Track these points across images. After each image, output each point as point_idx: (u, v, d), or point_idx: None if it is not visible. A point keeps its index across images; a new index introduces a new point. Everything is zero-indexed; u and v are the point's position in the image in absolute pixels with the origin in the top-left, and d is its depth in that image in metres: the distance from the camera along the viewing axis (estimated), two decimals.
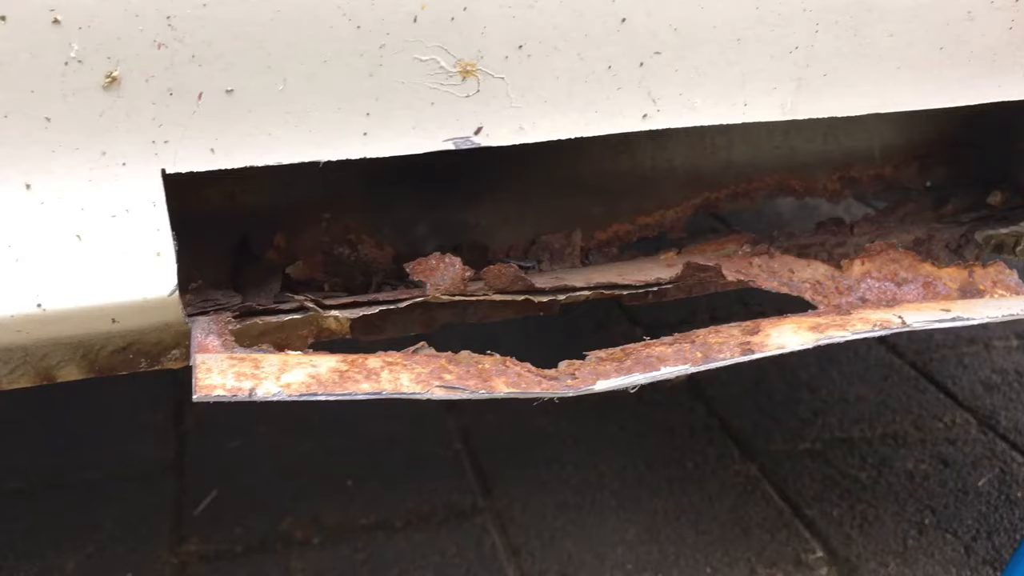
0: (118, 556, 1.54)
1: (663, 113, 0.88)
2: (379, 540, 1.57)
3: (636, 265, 1.05)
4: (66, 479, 1.73)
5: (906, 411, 1.91)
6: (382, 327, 1.04)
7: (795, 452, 1.78)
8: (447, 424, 1.88)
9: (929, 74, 0.96)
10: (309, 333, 0.99)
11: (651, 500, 1.65)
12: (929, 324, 0.93)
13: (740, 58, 0.87)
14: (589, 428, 1.86)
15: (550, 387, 0.84)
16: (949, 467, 1.72)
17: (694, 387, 2.01)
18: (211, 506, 1.68)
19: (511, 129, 0.84)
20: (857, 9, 0.87)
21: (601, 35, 0.81)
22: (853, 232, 1.22)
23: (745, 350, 0.89)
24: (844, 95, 0.94)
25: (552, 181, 1.12)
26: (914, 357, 2.11)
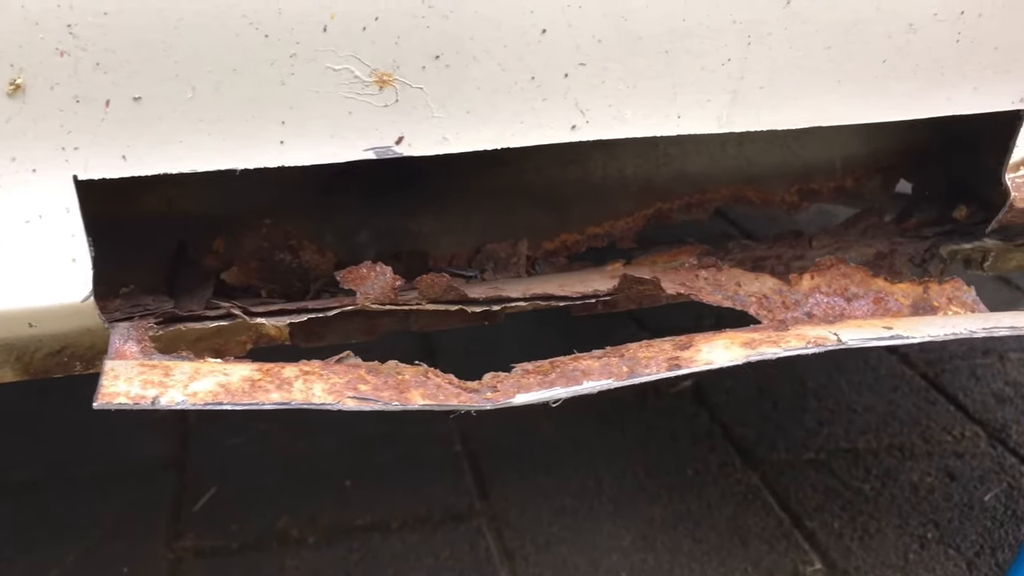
0: (116, 551, 1.55)
1: (592, 124, 0.87)
2: (374, 541, 1.57)
3: (580, 276, 1.04)
4: (69, 473, 1.74)
5: (914, 423, 1.88)
6: (323, 334, 1.04)
7: (798, 462, 1.76)
8: (447, 425, 1.87)
9: (873, 87, 0.94)
10: (248, 339, 0.99)
11: (649, 507, 1.64)
12: (865, 342, 0.92)
13: (670, 70, 0.86)
14: (590, 432, 1.85)
15: (468, 400, 0.84)
16: (955, 481, 1.69)
17: (698, 393, 1.99)
18: (209, 503, 1.69)
19: (434, 139, 0.83)
20: (790, 22, 0.86)
21: (521, 46, 0.80)
22: (812, 245, 1.20)
23: (672, 365, 0.88)
24: (783, 108, 0.93)
25: (500, 190, 1.11)
26: (925, 368, 2.09)
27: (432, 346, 2.13)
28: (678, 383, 2.08)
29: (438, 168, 1.04)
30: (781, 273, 1.11)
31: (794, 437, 1.84)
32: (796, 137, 1.19)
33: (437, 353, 2.12)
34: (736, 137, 1.17)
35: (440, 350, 2.10)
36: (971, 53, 0.94)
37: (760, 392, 2.00)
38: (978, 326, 0.95)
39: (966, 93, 0.98)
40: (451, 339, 2.08)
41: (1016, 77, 0.99)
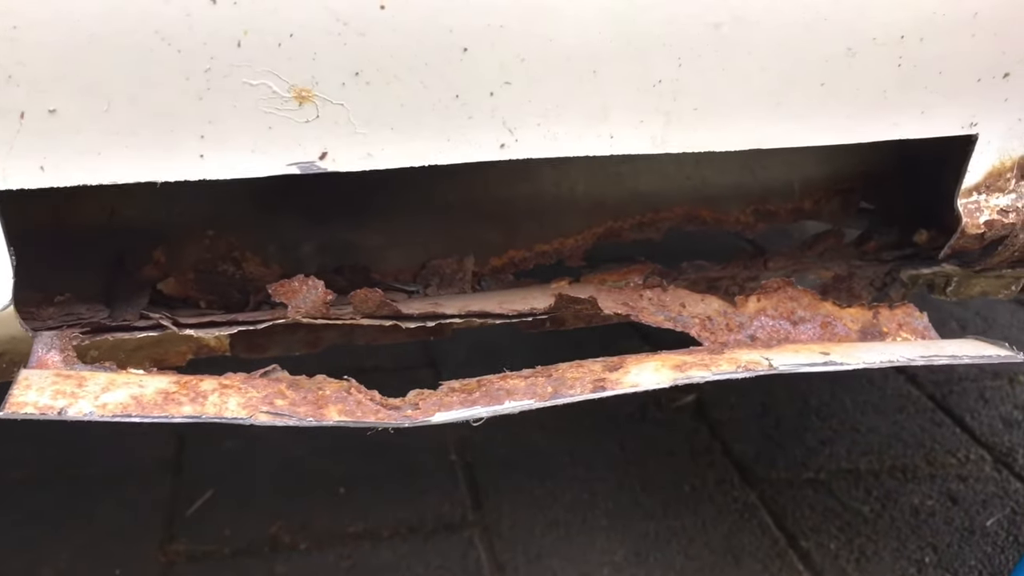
0: (110, 551, 1.57)
1: (522, 143, 0.87)
2: (365, 549, 1.58)
3: (523, 293, 1.04)
4: (68, 472, 1.77)
5: (918, 444, 1.87)
6: (265, 346, 1.04)
7: (797, 481, 1.75)
8: (445, 434, 1.88)
9: (813, 110, 0.93)
10: (188, 350, 0.99)
11: (643, 522, 1.64)
12: (797, 368, 0.91)
13: (599, 90, 0.85)
14: (588, 445, 1.85)
15: (387, 417, 0.83)
16: (957, 504, 1.68)
17: (700, 409, 1.99)
18: (204, 506, 1.71)
19: (358, 155, 0.83)
20: (721, 44, 0.85)
21: (443, 64, 0.80)
22: (768, 266, 1.19)
23: (597, 387, 0.87)
24: (720, 130, 0.92)
25: (448, 205, 1.11)
26: (933, 389, 2.07)
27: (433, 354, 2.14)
28: (680, 397, 2.07)
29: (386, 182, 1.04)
30: (736, 294, 1.11)
31: (795, 456, 1.83)
32: (753, 157, 1.18)
33: (439, 361, 2.13)
34: (692, 157, 1.16)
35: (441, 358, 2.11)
36: (915, 77, 0.93)
37: (763, 409, 1.99)
38: (917, 354, 0.94)
39: (913, 117, 0.97)
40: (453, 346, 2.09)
41: (965, 102, 0.97)
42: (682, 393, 2.07)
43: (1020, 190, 1.06)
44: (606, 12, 0.80)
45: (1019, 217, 1.06)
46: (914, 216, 1.22)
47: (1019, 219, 1.06)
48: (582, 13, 0.79)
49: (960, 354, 0.95)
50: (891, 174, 1.23)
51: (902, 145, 1.02)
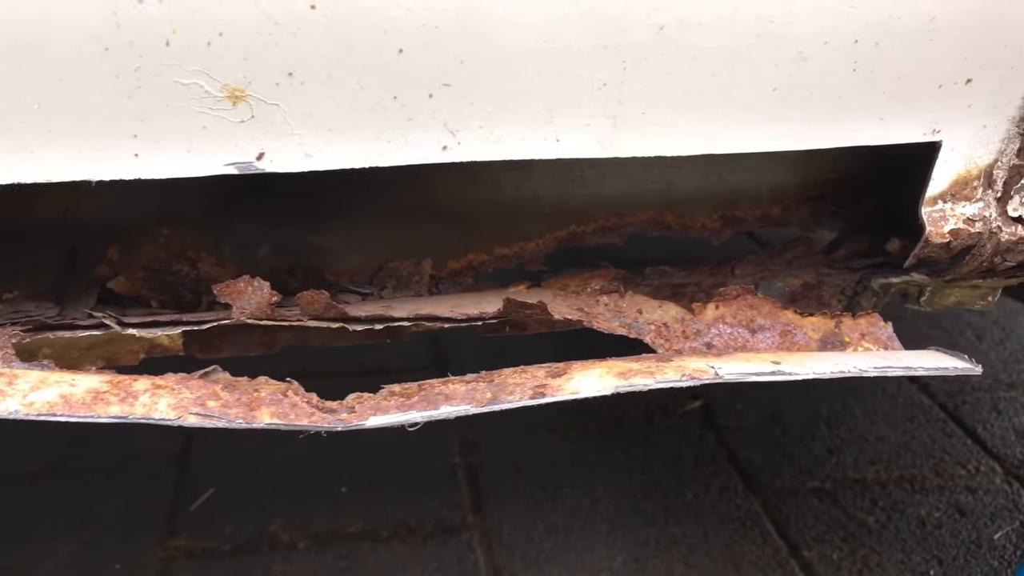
0: (110, 546, 1.59)
1: (464, 146, 0.86)
2: (363, 549, 1.58)
3: (478, 297, 1.03)
4: (74, 467, 1.78)
5: (928, 455, 1.85)
6: (219, 346, 1.04)
7: (802, 490, 1.74)
8: (450, 436, 1.89)
9: (766, 115, 0.91)
10: (140, 349, 0.99)
11: (644, 528, 1.63)
12: (744, 377, 0.89)
13: (543, 93, 0.84)
14: (592, 450, 1.85)
15: (321, 420, 0.83)
16: (965, 517, 1.66)
17: (707, 416, 1.98)
18: (206, 503, 1.72)
19: (297, 156, 0.83)
20: (667, 47, 0.84)
21: (379, 65, 0.79)
22: (735, 273, 1.17)
23: (537, 393, 0.86)
24: (669, 134, 0.90)
25: (407, 207, 1.10)
26: (945, 399, 2.05)
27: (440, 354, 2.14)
28: (687, 403, 2.06)
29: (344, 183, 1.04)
30: (703, 300, 1.09)
31: (801, 464, 1.82)
32: (721, 162, 1.16)
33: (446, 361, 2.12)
34: (658, 161, 1.15)
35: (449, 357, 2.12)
36: (872, 82, 0.91)
37: (772, 417, 1.98)
38: (870, 365, 0.92)
39: (872, 123, 0.95)
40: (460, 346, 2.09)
41: (926, 108, 0.95)
42: (689, 399, 2.06)
43: (988, 199, 1.03)
44: (544, 14, 0.79)
45: (986, 227, 1.03)
46: (887, 224, 1.20)
47: (986, 228, 1.03)
48: (519, 14, 0.78)
49: (915, 365, 0.93)
50: (864, 181, 1.21)
51: (876, 152, 1.00)
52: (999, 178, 1.03)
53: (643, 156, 0.91)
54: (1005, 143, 1.01)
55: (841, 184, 1.20)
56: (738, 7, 0.83)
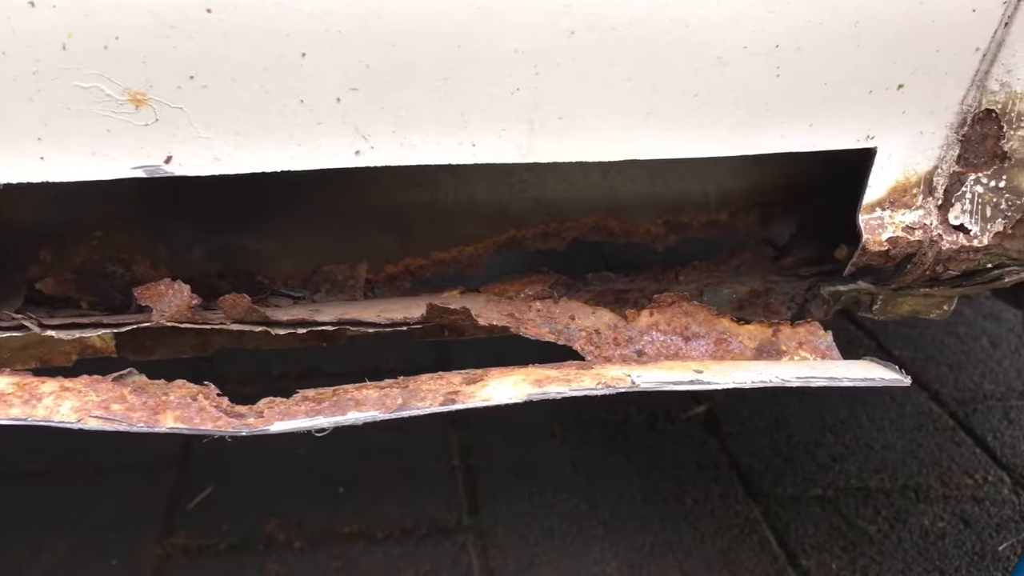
0: (108, 543, 1.61)
1: (378, 150, 0.86)
2: (358, 549, 1.59)
3: (407, 302, 1.02)
4: (76, 465, 1.80)
5: (935, 463, 1.83)
6: (152, 348, 1.04)
7: (804, 497, 1.72)
8: (450, 439, 1.89)
9: (688, 121, 0.90)
10: (72, 350, 1.00)
11: (641, 534, 1.62)
12: (661, 385, 0.88)
13: (454, 98, 0.84)
14: (593, 455, 1.84)
15: (226, 425, 0.83)
16: (970, 527, 1.64)
17: (710, 422, 1.97)
18: (205, 502, 1.74)
19: (205, 159, 0.83)
20: (580, 52, 0.83)
21: (282, 69, 0.79)
22: (679, 279, 1.16)
23: (448, 400, 0.85)
24: (591, 139, 0.89)
25: (344, 211, 1.10)
26: (956, 407, 2.02)
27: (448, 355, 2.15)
28: (691, 408, 2.04)
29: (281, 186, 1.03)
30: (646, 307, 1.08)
31: (803, 472, 1.80)
32: (666, 167, 1.15)
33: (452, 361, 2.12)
34: (600, 166, 1.14)
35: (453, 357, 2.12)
36: (796, 88, 0.90)
37: (776, 423, 1.96)
38: (793, 375, 0.91)
39: (801, 130, 0.93)
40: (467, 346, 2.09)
41: (857, 114, 0.94)
42: (693, 404, 2.05)
43: (928, 207, 1.01)
44: (447, 18, 0.78)
45: (927, 235, 1.01)
46: (839, 231, 1.18)
47: (927, 237, 1.01)
48: (422, 18, 0.78)
49: (840, 376, 0.91)
50: (815, 188, 1.19)
51: (826, 158, 0.98)
52: (940, 185, 1.01)
53: (564, 162, 0.90)
54: (944, 150, 0.99)
55: (791, 190, 1.18)
56: (651, 12, 0.81)
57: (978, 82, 0.94)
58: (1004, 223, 1.00)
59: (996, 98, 0.94)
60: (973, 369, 2.21)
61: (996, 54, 0.91)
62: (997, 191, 0.99)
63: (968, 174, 0.99)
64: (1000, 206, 1.00)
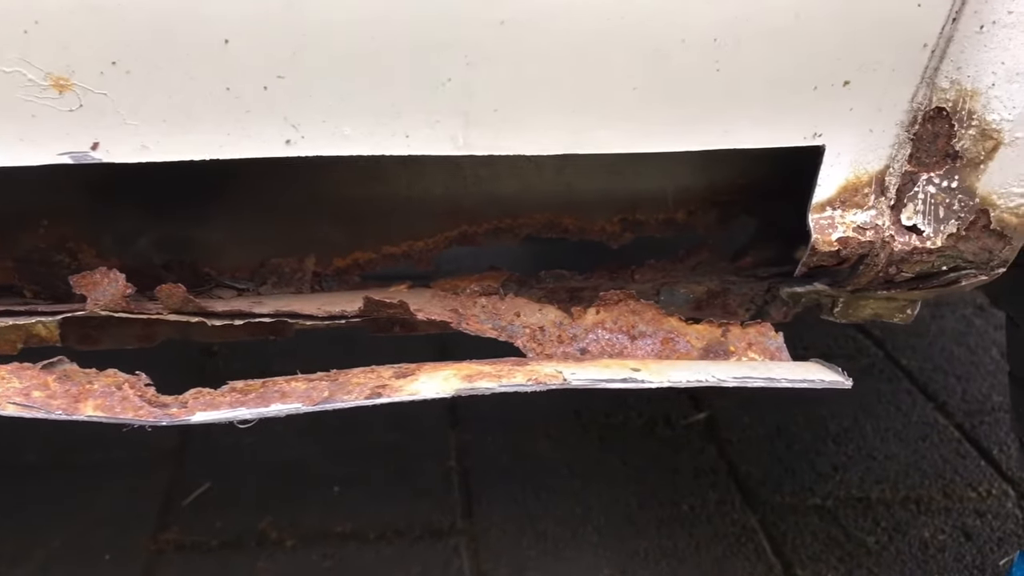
0: (103, 537, 1.61)
1: (309, 140, 0.85)
2: (349, 549, 1.59)
3: (351, 296, 1.01)
4: (73, 459, 1.81)
5: (938, 475, 1.80)
6: (97, 338, 1.04)
7: (802, 506, 1.70)
8: (448, 440, 1.89)
9: (628, 115, 0.89)
10: (18, 339, 1.00)
11: (635, 539, 1.61)
12: (595, 383, 0.87)
13: (384, 88, 0.83)
14: (589, 458, 1.83)
15: (148, 415, 0.82)
16: (971, 540, 1.61)
17: (711, 428, 1.95)
18: (200, 498, 1.74)
19: (133, 147, 0.82)
20: (511, 43, 0.81)
21: (206, 56, 0.78)
22: (635, 278, 1.15)
23: (374, 393, 0.85)
24: (528, 132, 0.88)
25: (294, 203, 1.09)
26: (962, 418, 2.00)
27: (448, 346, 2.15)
28: (691, 414, 2.03)
29: (229, 177, 1.03)
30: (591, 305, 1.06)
31: (803, 480, 1.78)
32: (623, 164, 1.13)
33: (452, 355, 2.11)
34: (554, 162, 1.13)
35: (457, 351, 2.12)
36: (738, 83, 0.88)
37: (778, 431, 1.94)
38: (730, 375, 0.89)
39: (745, 126, 0.92)
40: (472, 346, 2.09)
41: (802, 110, 0.92)
42: (693, 410, 2.03)
43: (880, 207, 1.00)
44: (370, 6, 0.77)
45: (878, 235, 0.99)
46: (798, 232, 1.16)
47: (878, 237, 0.99)
48: (344, 6, 0.77)
49: (778, 376, 0.90)
50: (775, 187, 1.17)
51: (785, 156, 0.97)
52: (892, 185, 0.99)
53: (502, 155, 0.89)
54: (896, 149, 0.97)
55: (750, 190, 1.16)
56: (583, 2, 0.80)
57: (928, 79, 0.92)
58: (957, 224, 0.98)
59: (947, 96, 0.92)
60: (982, 380, 2.18)
61: (945, 50, 0.90)
62: (950, 191, 0.97)
63: (920, 174, 0.97)
64: (953, 207, 0.97)
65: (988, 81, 0.90)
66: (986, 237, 0.99)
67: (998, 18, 0.87)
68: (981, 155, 0.93)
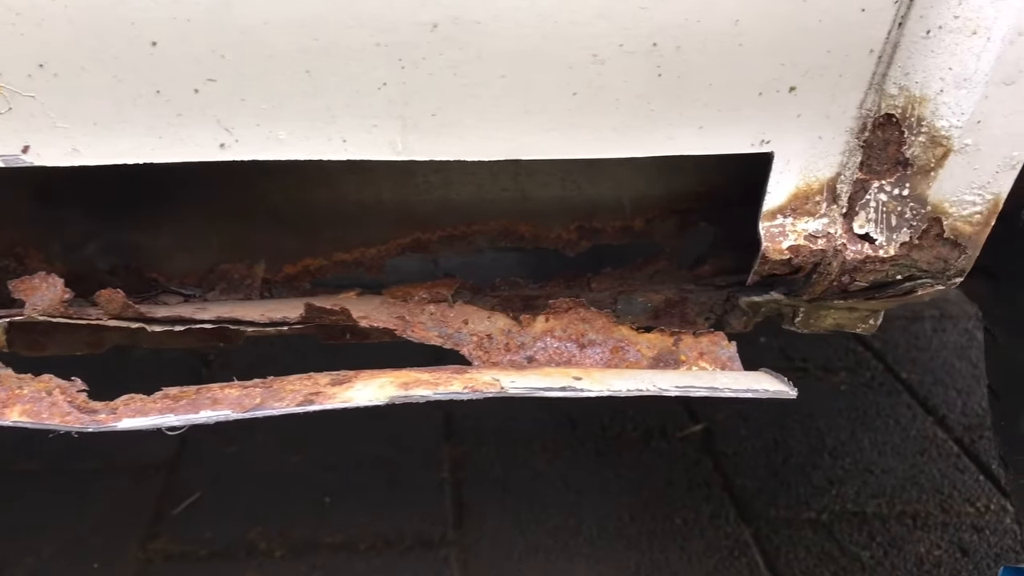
0: (92, 546, 1.60)
1: (243, 144, 0.84)
2: (339, 560, 1.58)
3: (296, 303, 1.01)
4: (67, 467, 1.80)
5: (935, 490, 1.78)
6: (44, 344, 1.03)
7: (797, 520, 1.69)
8: (442, 451, 1.88)
9: (568, 121, 0.88)
10: None
11: (627, 552, 1.59)
12: (533, 392, 0.86)
13: (318, 91, 0.82)
14: (583, 470, 1.82)
15: (75, 421, 0.81)
16: (967, 556, 1.60)
17: (707, 441, 1.94)
18: (190, 507, 1.73)
19: (64, 150, 0.82)
20: (445, 46, 0.80)
21: (134, 58, 0.77)
22: (592, 287, 1.13)
23: (307, 400, 0.83)
24: (468, 137, 0.87)
25: (243, 209, 1.08)
26: (962, 433, 1.98)
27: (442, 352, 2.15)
28: (687, 427, 2.01)
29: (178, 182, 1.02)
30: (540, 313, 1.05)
31: (798, 494, 1.77)
32: (579, 172, 1.12)
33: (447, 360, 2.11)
34: (511, 168, 1.12)
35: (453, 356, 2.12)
36: (681, 89, 0.87)
37: (774, 444, 1.93)
38: (672, 384, 0.88)
39: (690, 132, 0.91)
40: None
41: (748, 117, 0.91)
42: (690, 423, 2.02)
43: (833, 215, 0.98)
44: (301, 8, 0.76)
45: (830, 243, 0.98)
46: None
47: (830, 246, 0.98)
48: (274, 8, 0.76)
49: (721, 386, 0.88)
50: (734, 195, 1.16)
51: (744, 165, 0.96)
52: (844, 193, 0.97)
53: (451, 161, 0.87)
54: (846, 156, 0.95)
55: (710, 198, 1.15)
56: (517, 6, 0.79)
57: (876, 85, 0.90)
58: (910, 233, 0.96)
59: (896, 102, 0.91)
60: (983, 394, 2.16)
61: (892, 56, 0.88)
62: (901, 199, 0.95)
63: (872, 181, 0.96)
64: (905, 215, 0.96)
65: (936, 87, 0.88)
66: (940, 246, 0.97)
67: (944, 23, 0.85)
68: (931, 162, 0.92)
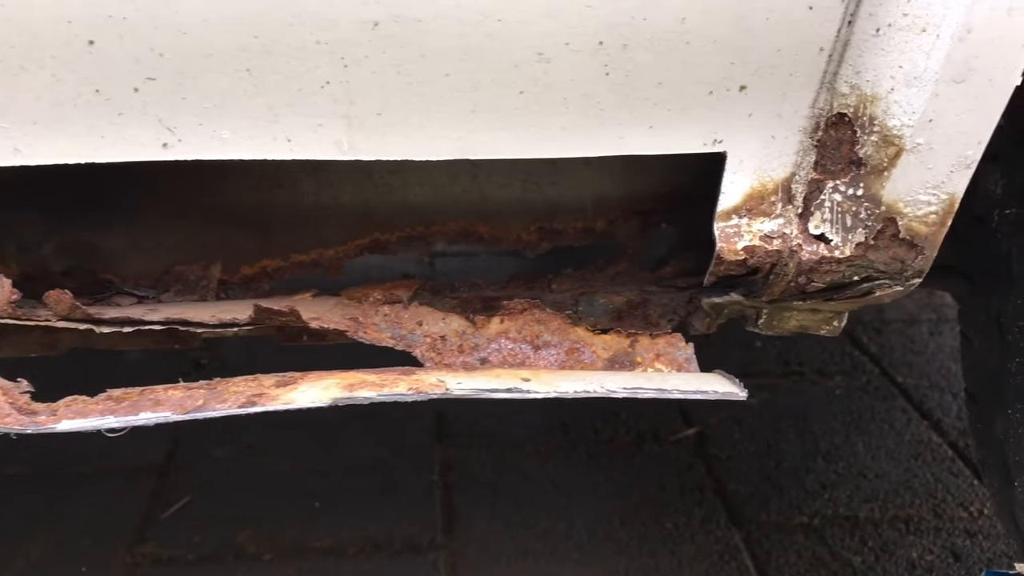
0: (81, 549, 1.60)
1: (186, 144, 0.83)
2: (327, 564, 1.57)
3: (247, 305, 1.00)
4: (58, 470, 1.80)
5: (929, 495, 1.77)
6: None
7: (788, 525, 1.68)
8: (432, 455, 1.87)
9: (516, 120, 0.87)
10: None
11: (616, 557, 1.59)
12: (479, 394, 0.85)
13: (260, 90, 0.81)
14: (574, 474, 1.81)
15: (14, 422, 0.81)
16: (960, 561, 1.59)
17: (699, 444, 1.93)
18: (180, 511, 1.73)
19: (4, 150, 0.81)
20: (387, 45, 0.80)
21: (71, 57, 0.77)
22: (552, 288, 1.13)
23: (249, 402, 0.83)
24: (415, 137, 0.87)
25: (199, 209, 1.08)
26: (956, 437, 1.97)
27: None
28: (680, 430, 2.01)
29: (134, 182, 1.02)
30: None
31: (790, 498, 1.76)
32: (539, 173, 1.12)
33: None
34: (469, 169, 1.11)
35: None
36: (629, 88, 0.86)
37: (767, 448, 1.92)
38: (619, 385, 0.87)
39: (640, 132, 0.90)
40: None
41: (699, 116, 0.90)
42: (683, 426, 2.01)
43: (788, 215, 0.97)
44: (240, 5, 0.76)
45: (786, 244, 0.97)
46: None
47: (786, 246, 0.97)
48: (212, 7, 0.76)
49: (670, 388, 0.87)
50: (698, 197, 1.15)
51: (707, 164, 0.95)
52: (799, 193, 0.97)
53: (391, 160, 0.87)
54: (800, 156, 0.95)
55: (672, 198, 1.14)
56: (458, 3, 0.79)
57: (827, 84, 0.90)
58: (865, 233, 0.96)
59: (847, 101, 0.90)
60: None
61: (843, 54, 0.88)
62: (856, 199, 0.95)
63: (826, 181, 0.95)
64: (860, 215, 0.95)
65: (887, 86, 0.88)
66: (896, 247, 0.96)
67: (893, 21, 0.85)
68: (884, 162, 0.91)
